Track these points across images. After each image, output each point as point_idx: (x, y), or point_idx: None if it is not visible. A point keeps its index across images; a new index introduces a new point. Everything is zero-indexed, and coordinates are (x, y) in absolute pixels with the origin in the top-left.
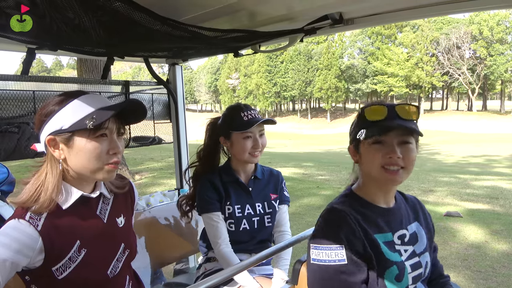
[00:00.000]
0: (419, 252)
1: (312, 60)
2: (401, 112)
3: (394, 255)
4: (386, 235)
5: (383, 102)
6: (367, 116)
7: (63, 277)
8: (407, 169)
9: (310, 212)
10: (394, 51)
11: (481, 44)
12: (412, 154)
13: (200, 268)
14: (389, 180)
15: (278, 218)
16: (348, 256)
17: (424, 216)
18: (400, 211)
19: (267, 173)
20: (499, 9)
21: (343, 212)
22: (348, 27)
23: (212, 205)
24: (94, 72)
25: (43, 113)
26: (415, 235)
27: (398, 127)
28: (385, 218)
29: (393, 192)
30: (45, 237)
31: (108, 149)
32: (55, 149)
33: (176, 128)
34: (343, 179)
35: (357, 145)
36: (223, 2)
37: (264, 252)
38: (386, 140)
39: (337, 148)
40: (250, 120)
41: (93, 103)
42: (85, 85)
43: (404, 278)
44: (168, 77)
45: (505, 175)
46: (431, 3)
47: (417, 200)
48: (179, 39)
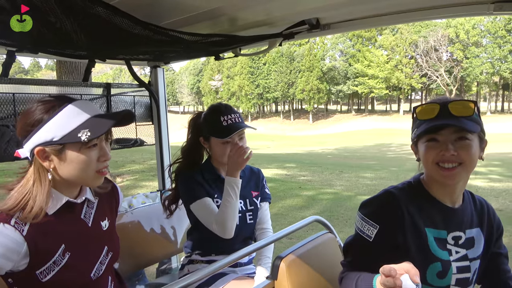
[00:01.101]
0: (472, 257)
1: (294, 62)
2: (453, 109)
3: (443, 252)
4: (439, 232)
5: (436, 100)
6: (418, 116)
7: (46, 280)
8: (465, 166)
9: (292, 212)
10: (374, 53)
11: (457, 47)
12: (470, 150)
13: (183, 269)
14: (444, 177)
15: (260, 215)
16: (376, 238)
17: (490, 222)
18: (463, 213)
19: (247, 171)
20: (465, 16)
21: (396, 198)
22: (324, 32)
23: (199, 192)
24: (74, 74)
25: (30, 122)
26: (472, 240)
27: (448, 125)
28: (445, 216)
29: (457, 191)
30: (30, 242)
31: (98, 156)
32: (45, 160)
33: (158, 130)
34: (325, 180)
35: (416, 144)
36: (204, 7)
37: (245, 249)
38: (440, 138)
39: (319, 149)
40: (230, 126)
41: (84, 112)
42: (66, 88)
43: (447, 277)
44: (150, 79)
45: (480, 174)
46: (401, 10)
47: (486, 204)
48: (161, 43)
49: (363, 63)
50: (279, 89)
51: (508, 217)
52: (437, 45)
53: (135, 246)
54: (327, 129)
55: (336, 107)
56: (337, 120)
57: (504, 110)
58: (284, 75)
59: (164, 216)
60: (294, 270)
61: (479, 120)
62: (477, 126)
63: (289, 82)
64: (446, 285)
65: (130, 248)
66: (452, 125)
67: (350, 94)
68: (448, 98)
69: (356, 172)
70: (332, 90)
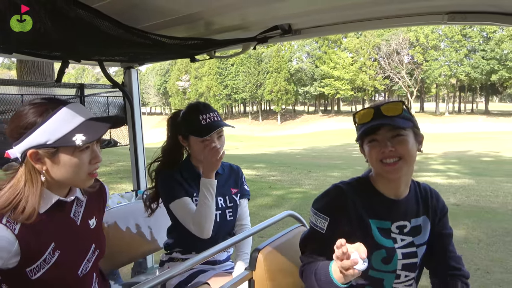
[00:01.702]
0: (418, 244)
1: (262, 63)
2: (385, 111)
3: (387, 241)
4: (383, 223)
5: (371, 105)
6: (358, 121)
7: (36, 277)
8: (405, 159)
9: (262, 211)
10: (339, 55)
11: (418, 50)
12: (406, 145)
13: (163, 266)
14: (387, 172)
15: (239, 212)
16: (328, 229)
17: (434, 207)
18: (408, 204)
19: (227, 168)
20: (423, 25)
21: (343, 192)
22: (296, 36)
23: (178, 192)
24: (36, 74)
25: (22, 124)
26: (419, 228)
27: (382, 125)
28: (389, 208)
29: (402, 185)
30: (22, 240)
31: (90, 159)
32: (38, 162)
33: (132, 131)
34: (294, 179)
35: (362, 147)
36: (181, 12)
37: (223, 244)
38: (378, 137)
39: (287, 150)
40: (209, 124)
41: (78, 116)
42: (39, 88)
43: (393, 262)
44: (123, 80)
45: (439, 172)
46: (366, 18)
47: (430, 189)
48: (138, 45)
49: (329, 65)
50: (247, 90)
51: (465, 211)
52: (398, 48)
53: (111, 246)
54: (295, 129)
55: (303, 108)
56: (305, 121)
57: (461, 110)
58: (252, 76)
59: (145, 215)
60: (271, 261)
61: (410, 117)
62: (408, 122)
63: (257, 83)
64: (392, 269)
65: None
66: (385, 124)
67: (317, 95)
68: (381, 102)
69: (324, 172)
70: (300, 91)
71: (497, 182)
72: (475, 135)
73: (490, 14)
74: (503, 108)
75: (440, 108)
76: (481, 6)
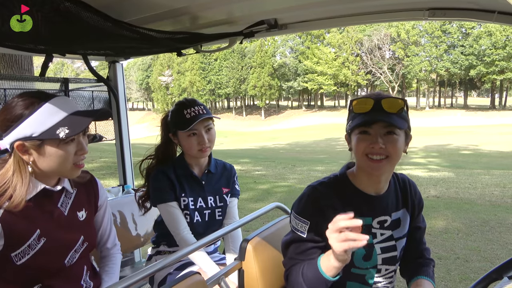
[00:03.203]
0: (397, 237)
1: (245, 58)
2: (386, 105)
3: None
4: (364, 219)
5: (371, 95)
6: (354, 109)
7: (21, 262)
8: (391, 159)
9: (248, 205)
10: (322, 50)
11: (399, 46)
12: (396, 145)
13: (151, 260)
14: (371, 168)
15: (228, 210)
16: (309, 233)
17: (412, 200)
18: (388, 199)
19: (220, 167)
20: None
21: (320, 194)
22: (282, 31)
23: (168, 195)
24: (14, 68)
25: (10, 117)
26: (398, 221)
27: (379, 120)
28: (369, 204)
29: (382, 182)
30: (4, 224)
31: (76, 150)
32: (25, 153)
33: (118, 125)
34: (278, 174)
35: (350, 135)
36: (168, 6)
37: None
38: (371, 131)
39: (272, 145)
40: (193, 117)
41: (63, 109)
42: (23, 82)
43: (373, 258)
44: (108, 74)
45: (420, 165)
46: (350, 14)
47: (409, 182)
48: (125, 38)
49: (312, 60)
50: (231, 85)
51: (445, 202)
52: (380, 43)
53: None
54: (279, 124)
55: (287, 103)
56: (288, 116)
57: (440, 105)
58: (236, 71)
59: (131, 210)
60: (260, 251)
61: (407, 117)
62: (405, 123)
63: (241, 78)
64: (373, 265)
65: None
66: (383, 120)
67: (300, 90)
68: (382, 94)
69: (308, 166)
70: (283, 87)
71: (476, 174)
72: (454, 129)
73: (469, 10)
74: (481, 103)
75: (420, 102)
76: (460, 3)
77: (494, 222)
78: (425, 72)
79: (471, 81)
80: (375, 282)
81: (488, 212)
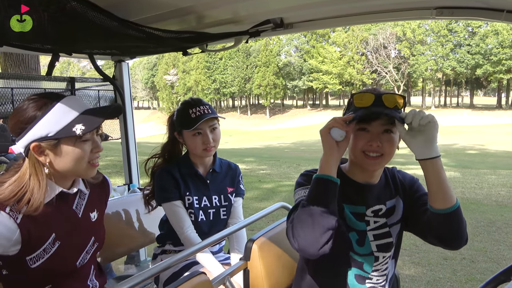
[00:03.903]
0: (391, 223)
1: (250, 57)
2: (386, 101)
3: (360, 224)
4: (357, 207)
5: (371, 90)
6: (355, 102)
7: (35, 266)
8: (386, 156)
9: (253, 204)
10: (327, 49)
11: (404, 45)
12: (392, 144)
13: (156, 259)
14: (368, 164)
15: (233, 210)
16: None
17: (402, 185)
18: (381, 188)
19: (225, 166)
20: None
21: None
22: (288, 30)
23: (172, 194)
24: (21, 67)
25: (23, 119)
26: (393, 208)
27: (381, 114)
28: (362, 194)
29: (375, 175)
30: (23, 229)
31: (91, 148)
32: (40, 155)
33: (124, 124)
34: (283, 173)
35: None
36: (174, 5)
37: (216, 236)
38: (370, 128)
39: (276, 144)
40: (198, 117)
41: (76, 107)
42: (30, 81)
43: (366, 244)
44: (114, 73)
45: None
46: (357, 13)
47: (395, 170)
48: (131, 38)
49: (317, 59)
50: (235, 84)
51: None
52: (386, 42)
53: None
54: (283, 123)
55: (292, 102)
56: (293, 115)
57: (446, 104)
58: (241, 70)
59: (137, 209)
60: (265, 251)
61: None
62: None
63: (246, 77)
64: (369, 252)
65: None
66: (385, 114)
67: (305, 89)
68: (381, 90)
69: (313, 165)
70: (288, 86)
71: (482, 174)
72: (460, 128)
73: (477, 9)
74: (488, 102)
75: (426, 102)
76: (468, 2)
77: (500, 223)
78: (431, 71)
79: (478, 80)
80: (373, 270)
81: (495, 213)
